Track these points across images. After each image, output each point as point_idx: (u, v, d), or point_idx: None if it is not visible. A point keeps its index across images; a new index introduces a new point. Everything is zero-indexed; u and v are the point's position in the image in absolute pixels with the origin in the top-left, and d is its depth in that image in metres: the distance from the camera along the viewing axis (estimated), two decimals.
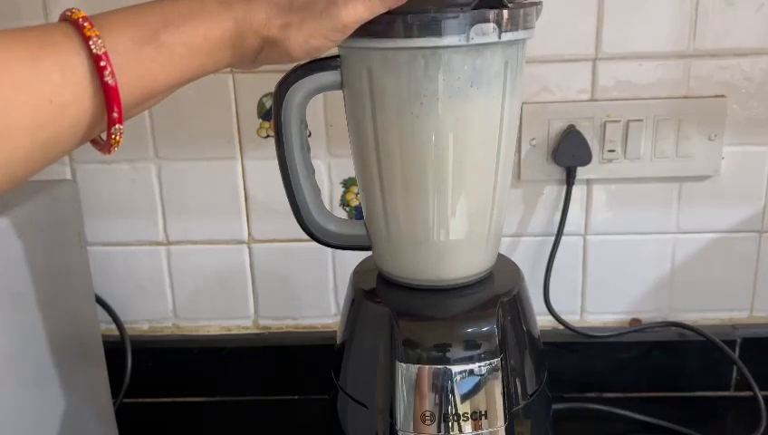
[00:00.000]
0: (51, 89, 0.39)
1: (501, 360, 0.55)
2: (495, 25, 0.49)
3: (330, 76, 0.54)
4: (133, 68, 0.42)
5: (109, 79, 0.40)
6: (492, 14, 0.49)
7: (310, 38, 0.47)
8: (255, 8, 0.46)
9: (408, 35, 0.49)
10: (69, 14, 0.42)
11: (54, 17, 0.81)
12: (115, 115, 0.42)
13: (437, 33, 0.49)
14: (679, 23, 0.77)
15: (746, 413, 0.81)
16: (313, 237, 0.60)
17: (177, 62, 0.44)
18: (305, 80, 0.54)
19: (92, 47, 0.40)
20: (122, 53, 0.41)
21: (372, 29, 0.49)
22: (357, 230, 0.61)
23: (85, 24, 0.41)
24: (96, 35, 0.40)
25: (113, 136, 0.43)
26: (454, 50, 0.50)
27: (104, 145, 0.44)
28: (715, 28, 0.77)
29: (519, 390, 0.58)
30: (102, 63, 0.40)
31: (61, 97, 0.40)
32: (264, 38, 0.46)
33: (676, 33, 0.78)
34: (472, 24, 0.49)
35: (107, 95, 0.41)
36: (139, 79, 0.43)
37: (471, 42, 0.49)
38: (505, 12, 0.50)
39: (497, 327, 0.55)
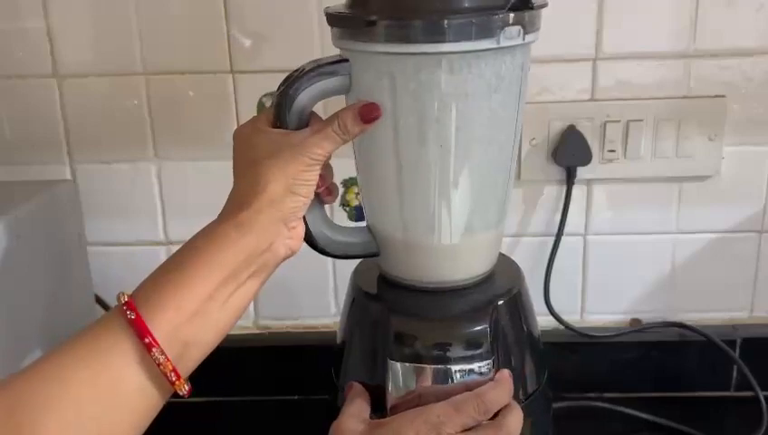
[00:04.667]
0: (143, 412, 0.47)
1: (493, 361, 0.54)
2: (521, 28, 0.49)
3: (338, 81, 0.52)
4: (192, 353, 0.48)
5: (181, 390, 0.48)
6: (518, 16, 0.49)
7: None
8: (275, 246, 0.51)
9: (439, 40, 0.48)
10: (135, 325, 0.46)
11: (54, 17, 0.81)
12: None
13: (468, 36, 0.48)
14: (679, 23, 0.77)
15: (747, 413, 0.81)
16: (317, 249, 0.57)
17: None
18: (313, 86, 0.52)
19: (170, 376, 0.46)
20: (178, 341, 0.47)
21: (399, 34, 0.48)
22: (361, 238, 0.59)
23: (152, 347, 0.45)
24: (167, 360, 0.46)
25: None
26: (480, 54, 0.49)
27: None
28: (715, 28, 0.77)
29: (519, 389, 0.58)
30: (173, 378, 0.46)
31: (145, 414, 0.47)
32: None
33: (676, 33, 0.78)
34: (502, 27, 0.48)
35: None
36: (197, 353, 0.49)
37: (500, 45, 0.48)
38: (527, 14, 0.49)
39: (490, 329, 0.55)
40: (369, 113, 0.51)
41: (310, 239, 0.56)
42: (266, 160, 0.50)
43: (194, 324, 0.47)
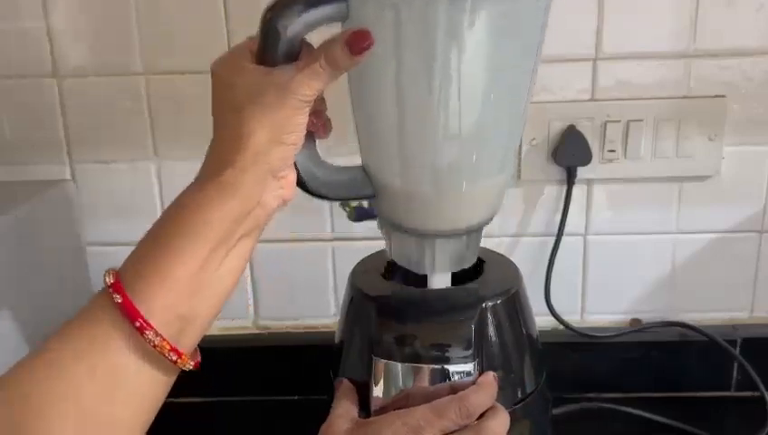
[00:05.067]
0: (149, 394, 0.46)
1: (477, 363, 0.54)
2: None
3: (335, 8, 0.46)
4: (192, 331, 0.47)
5: (185, 366, 0.47)
6: None
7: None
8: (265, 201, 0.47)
9: None
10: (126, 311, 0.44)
11: (54, 17, 0.80)
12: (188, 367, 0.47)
13: None
14: (679, 23, 0.77)
15: (747, 413, 0.81)
16: (308, 191, 0.53)
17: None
18: (306, 14, 0.45)
19: (170, 356, 0.45)
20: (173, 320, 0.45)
21: None
22: (355, 176, 0.54)
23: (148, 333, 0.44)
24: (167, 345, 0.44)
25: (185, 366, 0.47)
26: None
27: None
28: (715, 28, 0.77)
29: (517, 390, 0.58)
30: (174, 358, 0.45)
31: (152, 396, 0.47)
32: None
33: (676, 33, 0.78)
34: None
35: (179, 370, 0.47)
36: (197, 330, 0.48)
37: None
38: None
39: (475, 330, 0.55)
40: (359, 42, 0.44)
41: (299, 181, 0.51)
42: (249, 106, 0.45)
43: (189, 299, 0.45)
